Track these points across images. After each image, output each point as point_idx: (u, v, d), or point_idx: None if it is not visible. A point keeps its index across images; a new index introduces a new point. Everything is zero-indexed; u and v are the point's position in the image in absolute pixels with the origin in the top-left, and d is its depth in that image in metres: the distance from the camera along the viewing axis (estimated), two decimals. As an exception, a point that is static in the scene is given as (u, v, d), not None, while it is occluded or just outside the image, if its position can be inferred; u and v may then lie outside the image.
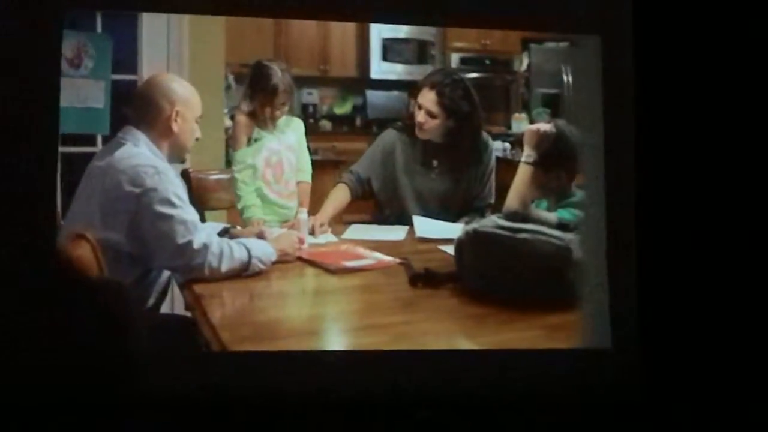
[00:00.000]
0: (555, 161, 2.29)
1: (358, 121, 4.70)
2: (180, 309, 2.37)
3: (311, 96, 4.54)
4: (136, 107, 2.19)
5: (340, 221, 2.79)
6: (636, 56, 2.05)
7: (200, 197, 2.72)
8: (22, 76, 1.90)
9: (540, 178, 2.28)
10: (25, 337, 1.81)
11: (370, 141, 3.25)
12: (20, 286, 1.83)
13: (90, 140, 2.58)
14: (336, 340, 1.99)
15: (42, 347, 1.81)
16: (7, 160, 1.87)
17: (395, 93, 4.60)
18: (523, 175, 2.28)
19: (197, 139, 2.24)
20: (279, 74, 2.66)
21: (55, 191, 1.99)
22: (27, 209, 1.88)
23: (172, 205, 2.05)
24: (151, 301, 2.15)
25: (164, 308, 2.25)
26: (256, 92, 2.69)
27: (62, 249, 1.94)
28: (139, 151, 2.11)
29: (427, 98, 2.72)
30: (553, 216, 2.21)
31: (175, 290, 2.24)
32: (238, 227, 2.45)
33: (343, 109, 4.71)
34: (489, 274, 2.00)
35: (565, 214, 2.22)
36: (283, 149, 2.75)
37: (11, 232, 1.85)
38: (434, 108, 2.71)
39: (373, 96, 4.66)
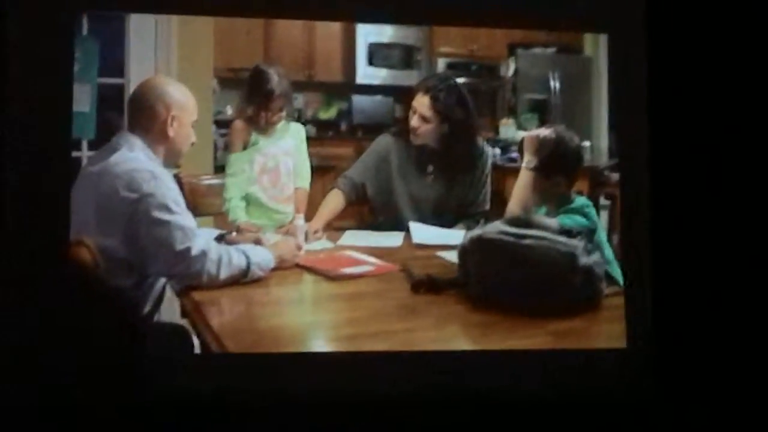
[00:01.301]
0: (555, 167, 2.28)
1: (343, 126, 4.68)
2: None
3: (296, 101, 4.49)
4: (131, 111, 2.15)
5: (331, 227, 2.76)
6: (647, 55, 2.06)
7: (192, 202, 2.68)
8: (35, 79, 1.87)
9: (540, 184, 2.28)
10: (27, 338, 1.78)
11: (356, 146, 3.24)
12: (30, 289, 1.80)
13: (75, 145, 2.51)
14: (341, 349, 1.95)
15: (44, 349, 1.78)
16: (20, 164, 1.85)
17: (381, 98, 4.60)
18: (524, 180, 2.27)
19: (192, 144, 2.21)
20: (276, 79, 2.63)
21: (68, 195, 1.96)
22: (40, 213, 1.85)
23: (170, 210, 2.01)
24: (147, 309, 2.11)
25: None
26: (253, 97, 2.67)
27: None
28: (134, 156, 2.07)
29: (421, 103, 2.71)
30: (555, 222, 2.20)
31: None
32: (234, 233, 2.41)
33: (328, 113, 4.69)
34: (494, 280, 1.99)
35: (566, 220, 2.21)
36: (281, 154, 2.72)
37: (24, 237, 1.82)
38: (428, 113, 2.70)
39: (359, 101, 4.65)
